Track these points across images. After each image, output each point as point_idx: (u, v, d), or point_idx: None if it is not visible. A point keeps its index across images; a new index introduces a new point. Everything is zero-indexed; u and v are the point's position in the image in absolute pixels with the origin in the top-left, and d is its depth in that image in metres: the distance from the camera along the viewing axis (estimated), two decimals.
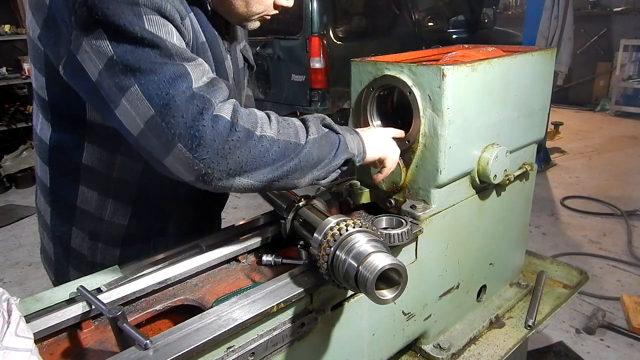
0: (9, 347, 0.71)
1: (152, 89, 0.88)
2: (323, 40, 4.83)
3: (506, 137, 1.33)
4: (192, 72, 0.92)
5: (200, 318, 0.88)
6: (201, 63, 0.96)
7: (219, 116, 0.90)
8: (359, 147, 1.13)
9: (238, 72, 1.36)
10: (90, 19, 0.88)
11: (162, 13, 0.93)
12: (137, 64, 0.88)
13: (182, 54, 0.93)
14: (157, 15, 0.92)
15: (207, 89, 0.93)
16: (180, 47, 0.94)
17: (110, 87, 0.90)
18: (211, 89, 0.93)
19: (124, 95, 0.89)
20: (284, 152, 0.98)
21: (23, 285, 3.83)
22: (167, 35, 0.92)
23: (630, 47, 7.97)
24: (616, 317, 3.12)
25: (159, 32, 0.91)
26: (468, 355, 1.40)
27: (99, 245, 1.29)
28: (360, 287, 0.89)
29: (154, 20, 0.91)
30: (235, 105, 0.95)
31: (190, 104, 0.88)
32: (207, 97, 0.91)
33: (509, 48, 1.46)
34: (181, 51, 0.93)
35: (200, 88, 0.92)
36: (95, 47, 0.89)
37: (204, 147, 0.89)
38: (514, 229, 1.60)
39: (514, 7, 10.44)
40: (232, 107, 0.93)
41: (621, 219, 4.46)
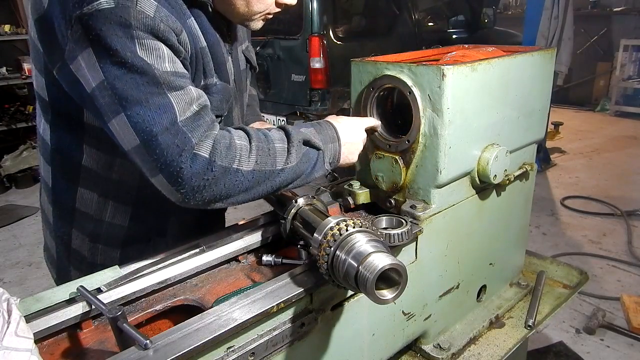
0: (9, 347, 0.71)
1: (138, 121, 0.93)
2: (323, 40, 4.83)
3: (506, 137, 1.33)
4: (178, 104, 0.95)
5: (200, 318, 0.88)
6: (188, 91, 0.98)
7: (197, 155, 0.95)
8: (335, 156, 1.19)
9: (239, 74, 1.36)
10: (85, 36, 0.90)
11: (155, 34, 0.93)
12: (124, 93, 0.92)
13: (170, 83, 0.94)
14: (150, 37, 0.93)
15: (191, 123, 0.96)
16: (169, 74, 0.95)
17: (102, 106, 0.95)
18: (195, 123, 0.96)
19: (113, 118, 0.95)
20: (260, 180, 1.05)
21: (23, 285, 3.83)
22: (158, 60, 0.94)
23: (630, 47, 7.97)
24: (616, 317, 3.12)
25: (150, 57, 0.93)
26: (468, 355, 1.40)
27: (99, 247, 1.30)
28: (360, 287, 0.89)
29: (146, 44, 0.92)
30: (216, 140, 0.98)
31: (172, 143, 0.93)
32: (188, 135, 0.95)
33: (509, 48, 1.46)
34: (169, 80, 0.95)
35: (183, 122, 0.95)
36: (89, 65, 0.92)
37: (181, 183, 0.96)
38: (514, 229, 1.60)
39: (514, 7, 10.44)
40: (212, 144, 0.97)
41: (621, 219, 4.46)
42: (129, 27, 0.90)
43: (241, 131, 1.06)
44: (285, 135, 1.11)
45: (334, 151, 1.18)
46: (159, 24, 0.93)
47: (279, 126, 1.15)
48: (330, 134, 1.18)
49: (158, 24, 0.93)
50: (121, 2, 0.89)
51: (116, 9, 0.89)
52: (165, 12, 0.95)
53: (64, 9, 0.92)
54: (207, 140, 0.97)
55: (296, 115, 5.35)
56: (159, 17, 0.93)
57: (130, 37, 0.90)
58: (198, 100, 1.00)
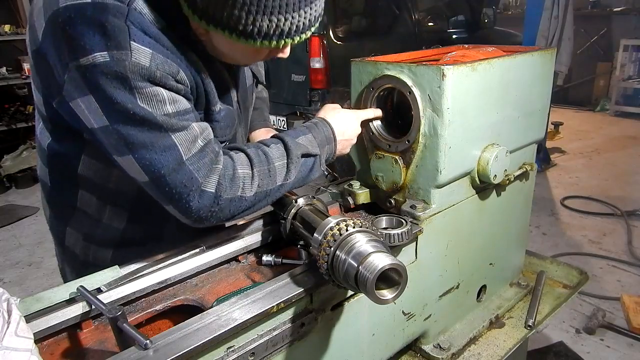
0: (9, 347, 0.71)
1: (146, 163, 0.97)
2: (323, 40, 4.83)
3: (506, 137, 1.33)
4: (181, 144, 0.98)
5: (200, 318, 0.88)
6: (191, 130, 1.00)
7: (204, 191, 1.01)
8: (330, 154, 1.24)
9: (245, 91, 1.35)
10: (84, 85, 0.91)
11: (152, 82, 0.94)
12: (130, 138, 0.95)
13: (172, 125, 0.97)
14: (148, 85, 0.94)
15: (197, 161, 1.00)
16: (171, 115, 0.97)
17: (108, 144, 0.98)
18: (201, 161, 1.00)
19: (121, 156, 0.98)
20: (262, 198, 1.11)
21: (23, 285, 3.83)
22: (159, 104, 0.95)
23: (630, 47, 7.97)
24: (616, 317, 3.12)
25: (151, 104, 0.94)
26: (468, 355, 1.40)
27: (91, 247, 1.30)
28: (360, 287, 0.89)
29: (146, 93, 0.93)
30: (221, 175, 1.03)
31: (180, 182, 0.99)
32: (195, 175, 0.99)
33: (509, 48, 1.46)
34: (172, 122, 0.96)
35: (189, 160, 0.99)
36: (90, 110, 0.94)
37: (190, 214, 1.03)
38: (514, 229, 1.60)
39: (514, 7, 10.44)
40: (217, 179, 1.02)
41: (621, 219, 4.46)
42: (127, 80, 0.91)
43: (243, 156, 1.09)
44: (285, 150, 1.13)
45: (329, 152, 1.23)
46: (155, 72, 0.93)
47: (278, 136, 1.17)
48: (327, 135, 1.21)
49: (154, 72, 0.93)
50: (116, 56, 0.89)
51: (111, 62, 0.89)
52: (160, 59, 0.95)
53: (59, 53, 0.92)
54: (212, 176, 1.01)
55: (296, 115, 5.35)
56: (154, 65, 0.93)
57: (129, 88, 0.91)
58: (202, 135, 1.02)
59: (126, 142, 0.95)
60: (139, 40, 0.91)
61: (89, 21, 0.89)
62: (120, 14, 0.91)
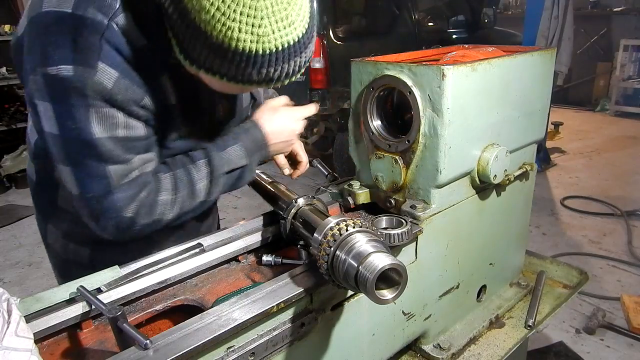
0: (9, 347, 0.71)
1: (79, 181, 1.02)
2: (323, 40, 4.83)
3: (506, 137, 1.33)
4: (114, 176, 1.02)
5: (200, 318, 0.88)
6: (130, 164, 1.04)
7: (123, 217, 1.06)
8: (263, 158, 1.26)
9: (241, 111, 1.35)
10: (45, 90, 0.94)
11: (112, 104, 0.96)
12: (72, 155, 0.99)
13: (112, 158, 1.01)
14: (106, 106, 0.96)
15: (123, 192, 1.04)
16: (119, 141, 1.00)
17: (53, 150, 1.02)
18: (126, 193, 1.04)
19: (61, 164, 1.02)
20: (184, 214, 1.16)
21: (23, 285, 3.83)
22: (112, 127, 0.98)
23: (630, 47, 7.98)
24: (616, 317, 3.12)
25: (104, 125, 0.97)
26: (468, 355, 1.40)
27: (70, 245, 1.32)
28: (360, 287, 0.89)
29: (102, 113, 0.96)
30: (142, 203, 1.06)
31: (102, 207, 1.03)
32: (118, 205, 1.04)
33: (509, 48, 1.46)
34: (113, 155, 1.00)
35: (117, 189, 1.03)
36: (46, 116, 0.97)
37: (109, 234, 1.09)
38: (514, 229, 1.60)
39: (514, 7, 10.44)
40: (137, 207, 1.06)
41: (621, 219, 4.46)
42: (86, 97, 0.93)
43: (170, 181, 1.11)
44: (209, 169, 1.15)
45: (262, 156, 1.25)
46: (116, 95, 0.95)
47: (206, 150, 1.17)
48: (258, 142, 1.22)
49: (115, 95, 0.95)
50: (80, 72, 0.91)
51: (75, 77, 0.91)
52: (124, 84, 0.96)
53: (30, 54, 0.94)
54: (133, 204, 1.06)
55: None
56: (117, 89, 0.95)
57: (86, 105, 0.93)
58: (139, 168, 1.07)
59: (68, 156, 0.99)
60: (108, 61, 0.93)
61: (64, 32, 0.90)
62: (97, 30, 0.92)
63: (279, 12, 0.82)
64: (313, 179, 5.71)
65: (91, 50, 0.91)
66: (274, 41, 0.83)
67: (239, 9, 0.79)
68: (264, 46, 0.83)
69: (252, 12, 0.80)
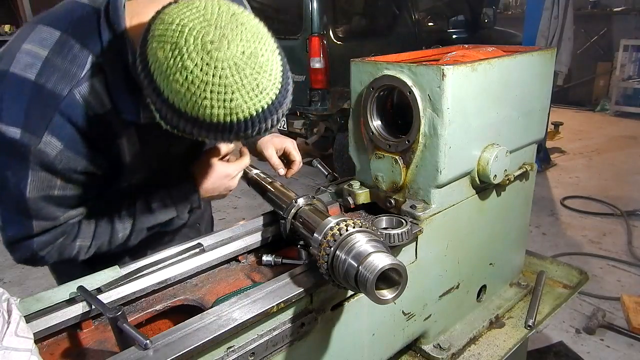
0: (9, 347, 0.71)
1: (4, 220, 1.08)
2: (323, 40, 4.83)
3: (506, 137, 1.33)
4: (37, 228, 1.08)
5: (200, 318, 0.88)
6: (55, 221, 1.09)
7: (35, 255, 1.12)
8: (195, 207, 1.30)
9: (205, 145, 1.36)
10: None
11: (50, 170, 1.00)
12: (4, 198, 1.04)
13: (40, 215, 1.06)
14: (43, 171, 1.00)
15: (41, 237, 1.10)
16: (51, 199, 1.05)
17: None
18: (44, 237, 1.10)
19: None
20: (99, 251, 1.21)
21: (23, 285, 3.83)
22: (47, 189, 1.03)
23: (630, 47, 7.97)
24: (616, 317, 3.12)
25: (38, 187, 1.01)
26: (468, 355, 1.40)
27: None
28: (360, 287, 0.89)
29: (39, 176, 1.00)
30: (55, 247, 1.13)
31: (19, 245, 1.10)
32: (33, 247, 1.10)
33: (509, 48, 1.46)
34: (43, 213, 1.06)
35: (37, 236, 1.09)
36: None
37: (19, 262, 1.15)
38: (514, 229, 1.60)
39: (514, 7, 10.44)
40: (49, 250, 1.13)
41: (621, 219, 4.46)
42: (27, 160, 0.97)
43: (91, 229, 1.17)
44: (132, 223, 1.20)
45: (192, 207, 1.29)
46: (56, 164, 0.99)
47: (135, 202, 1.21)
48: (190, 198, 1.26)
49: (56, 164, 0.99)
50: (26, 137, 0.95)
51: (20, 141, 0.95)
52: (67, 155, 1.00)
53: None
54: (47, 248, 1.12)
55: (296, 115, 5.35)
56: (58, 160, 0.99)
57: (25, 167, 0.98)
58: (64, 222, 1.11)
59: (1, 196, 1.04)
60: (56, 133, 0.97)
61: (22, 98, 0.95)
62: (52, 103, 0.96)
63: (249, 84, 0.83)
64: (313, 179, 5.71)
65: (42, 120, 0.96)
66: (247, 110, 0.85)
67: (209, 88, 0.80)
68: (238, 116, 0.85)
69: (222, 89, 0.81)
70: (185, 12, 0.82)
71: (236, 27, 0.83)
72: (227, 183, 1.30)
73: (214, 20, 0.82)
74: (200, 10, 0.83)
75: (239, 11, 0.86)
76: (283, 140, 1.52)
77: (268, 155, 1.49)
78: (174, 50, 0.80)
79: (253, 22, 0.87)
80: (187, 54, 0.79)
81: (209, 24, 0.81)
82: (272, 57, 0.87)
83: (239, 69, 0.81)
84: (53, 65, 0.97)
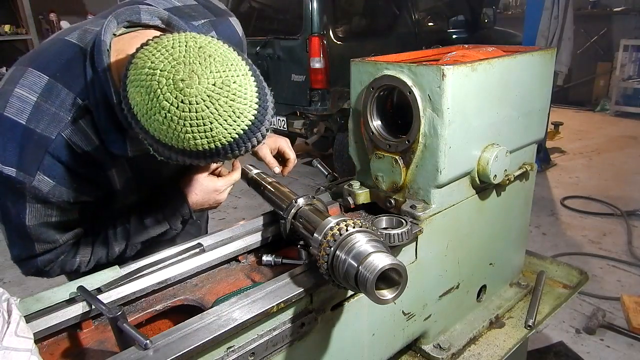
0: (9, 347, 0.71)
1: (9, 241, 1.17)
2: (323, 40, 4.83)
3: (506, 137, 1.33)
4: (39, 249, 1.16)
5: (200, 318, 0.88)
6: (55, 242, 1.17)
7: (39, 270, 1.21)
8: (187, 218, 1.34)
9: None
10: None
11: (45, 202, 1.08)
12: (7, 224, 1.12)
13: (41, 239, 1.14)
14: (39, 203, 1.08)
15: (44, 256, 1.18)
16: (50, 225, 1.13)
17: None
18: (47, 256, 1.19)
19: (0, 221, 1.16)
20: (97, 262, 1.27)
21: (23, 285, 3.83)
22: (44, 218, 1.11)
23: (630, 47, 7.97)
24: (616, 317, 3.12)
25: (36, 217, 1.09)
26: (468, 355, 1.40)
27: None
28: (360, 287, 0.89)
29: (36, 209, 1.08)
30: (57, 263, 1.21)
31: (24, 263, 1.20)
32: (38, 264, 1.19)
33: (509, 48, 1.46)
34: (43, 237, 1.14)
35: (40, 255, 1.18)
36: None
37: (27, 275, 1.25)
38: (513, 229, 1.60)
39: (514, 7, 10.44)
40: (52, 265, 1.21)
41: (621, 219, 4.46)
42: (23, 195, 1.05)
43: (88, 246, 1.24)
44: (127, 236, 1.26)
45: (185, 219, 1.33)
46: (50, 198, 1.07)
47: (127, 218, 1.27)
48: (181, 212, 1.30)
49: (50, 198, 1.07)
50: (20, 176, 1.02)
51: (15, 179, 1.02)
52: (60, 190, 1.07)
53: None
54: (50, 265, 1.20)
55: (296, 115, 5.35)
56: (51, 194, 1.06)
57: (22, 201, 1.06)
58: (65, 243, 1.19)
59: (4, 222, 1.13)
60: (47, 172, 1.04)
61: (15, 140, 1.02)
62: (42, 145, 1.03)
63: (226, 112, 0.87)
64: (313, 179, 5.71)
65: (34, 161, 1.03)
66: (228, 135, 0.89)
67: (188, 122, 0.85)
68: (222, 142, 0.89)
69: (200, 122, 0.85)
70: (155, 54, 0.87)
71: (204, 60, 0.87)
72: (216, 197, 1.32)
73: (182, 58, 0.86)
74: (169, 49, 0.87)
75: (205, 43, 0.89)
76: (276, 140, 1.57)
77: (262, 154, 1.53)
78: (149, 94, 0.85)
79: (221, 50, 0.90)
80: (162, 94, 0.84)
81: (178, 63, 0.85)
82: (244, 81, 0.90)
83: (212, 100, 0.85)
84: (42, 110, 1.04)
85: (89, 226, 1.26)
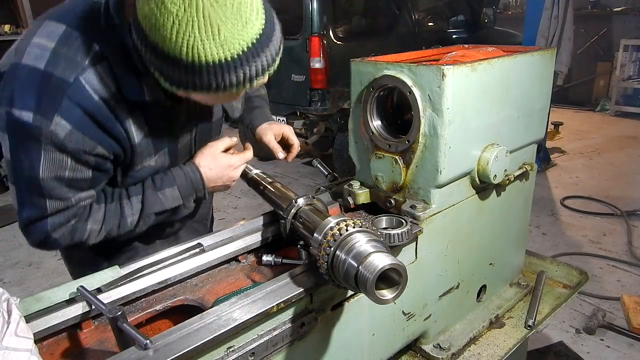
0: (9, 347, 0.72)
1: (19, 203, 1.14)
2: (323, 40, 4.83)
3: (506, 137, 1.33)
4: (51, 208, 1.13)
5: (200, 318, 0.88)
6: (67, 201, 1.14)
7: (48, 237, 1.17)
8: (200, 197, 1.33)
9: (210, 127, 1.40)
10: (6, 125, 1.05)
11: (62, 150, 1.06)
12: (19, 180, 1.11)
13: (53, 195, 1.11)
14: (55, 151, 1.06)
15: (54, 218, 1.14)
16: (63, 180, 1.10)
17: (8, 171, 1.13)
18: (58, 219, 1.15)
19: (10, 181, 1.14)
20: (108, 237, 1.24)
21: (23, 285, 3.83)
22: (59, 170, 1.08)
23: (630, 47, 7.97)
24: (616, 317, 3.12)
25: (52, 166, 1.07)
26: (468, 355, 1.40)
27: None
28: (360, 287, 0.89)
29: (51, 156, 1.06)
30: (67, 230, 1.17)
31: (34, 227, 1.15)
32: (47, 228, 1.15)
33: (509, 48, 1.46)
34: (56, 193, 1.11)
35: (50, 217, 1.14)
36: (4, 144, 1.09)
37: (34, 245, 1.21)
38: (513, 229, 1.60)
39: (514, 7, 10.44)
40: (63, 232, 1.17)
41: (621, 219, 4.46)
42: (39, 142, 1.04)
43: (101, 212, 1.21)
44: (141, 208, 1.24)
45: (197, 197, 1.32)
46: (67, 144, 1.05)
47: (144, 185, 1.26)
48: (195, 186, 1.30)
49: (66, 144, 1.05)
50: (38, 120, 1.02)
51: (33, 124, 1.02)
52: (77, 136, 1.05)
53: (2, 92, 1.05)
54: (60, 229, 1.17)
55: (296, 115, 5.36)
56: (68, 140, 1.05)
57: (38, 148, 1.05)
58: (77, 204, 1.16)
59: (15, 180, 1.11)
60: (65, 115, 1.03)
61: (33, 85, 1.03)
62: (60, 88, 1.03)
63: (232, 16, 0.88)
64: (313, 179, 5.71)
65: (51, 104, 1.03)
66: (236, 42, 0.90)
67: (195, 25, 0.87)
68: (231, 52, 0.90)
69: (207, 23, 0.87)
70: None
71: None
72: (230, 173, 1.34)
73: None
74: None
75: None
76: (281, 127, 1.61)
77: (267, 140, 1.56)
78: (157, 2, 0.87)
79: None
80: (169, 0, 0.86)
81: None
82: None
83: (219, 2, 0.87)
84: (60, 55, 1.05)
85: (102, 190, 1.24)
